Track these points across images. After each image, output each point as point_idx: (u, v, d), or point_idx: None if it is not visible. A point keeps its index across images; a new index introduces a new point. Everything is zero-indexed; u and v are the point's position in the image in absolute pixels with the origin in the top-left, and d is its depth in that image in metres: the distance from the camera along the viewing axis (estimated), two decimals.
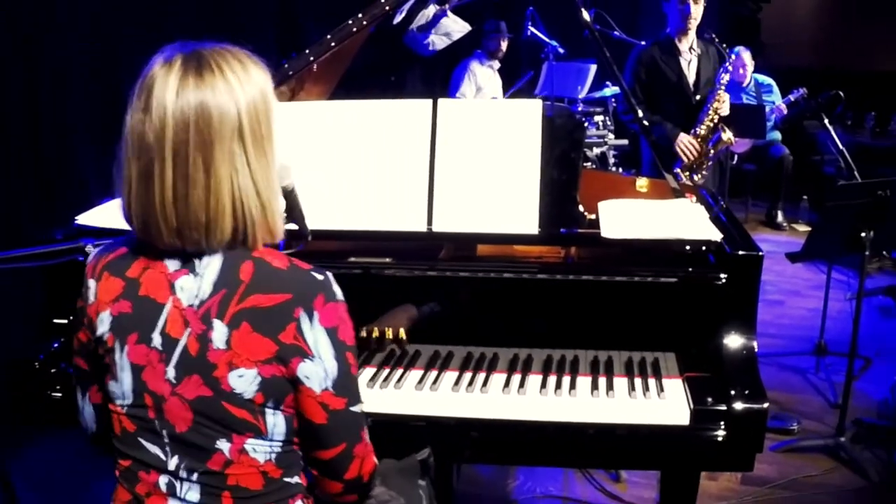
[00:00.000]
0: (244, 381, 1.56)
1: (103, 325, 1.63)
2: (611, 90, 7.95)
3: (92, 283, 1.66)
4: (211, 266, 1.59)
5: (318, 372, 1.60)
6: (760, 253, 2.42)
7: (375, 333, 2.52)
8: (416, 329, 2.53)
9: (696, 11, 5.19)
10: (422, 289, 2.51)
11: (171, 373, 1.58)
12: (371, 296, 2.50)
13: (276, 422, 1.62)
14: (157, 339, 1.59)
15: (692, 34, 5.37)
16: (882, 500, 3.69)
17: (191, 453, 1.62)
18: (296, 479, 1.71)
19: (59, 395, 2.37)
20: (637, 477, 3.79)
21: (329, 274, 1.65)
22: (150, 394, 1.60)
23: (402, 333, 2.51)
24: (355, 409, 1.69)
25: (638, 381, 2.39)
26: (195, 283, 1.59)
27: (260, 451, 1.63)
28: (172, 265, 1.61)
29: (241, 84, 1.57)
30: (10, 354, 2.46)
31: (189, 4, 5.49)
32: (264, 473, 1.65)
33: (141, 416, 1.64)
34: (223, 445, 1.61)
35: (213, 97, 1.53)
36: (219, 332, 1.56)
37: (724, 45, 5.31)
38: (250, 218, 1.58)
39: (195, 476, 1.63)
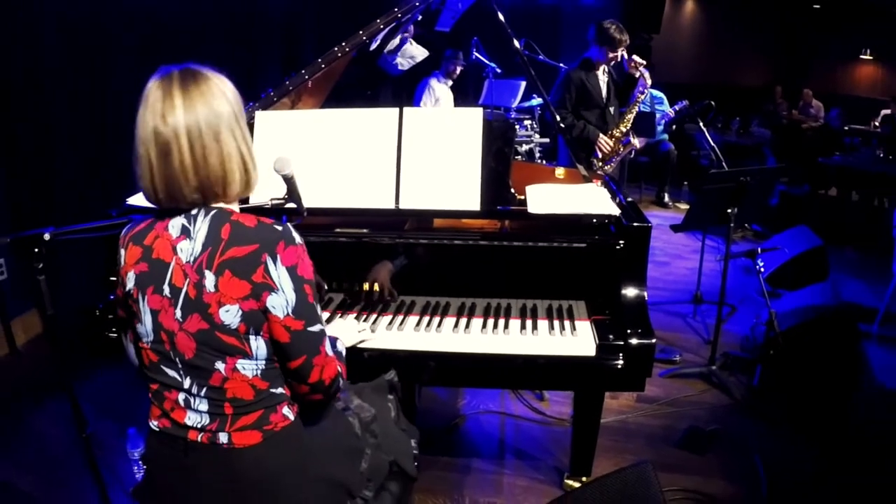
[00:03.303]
0: (230, 315, 1.60)
1: (130, 282, 1.67)
2: (537, 101, 7.95)
3: (122, 251, 1.71)
4: (201, 231, 1.62)
5: (281, 302, 1.62)
6: (650, 225, 2.45)
7: (355, 287, 2.53)
8: (386, 284, 2.55)
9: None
10: (391, 253, 2.51)
11: (178, 314, 1.62)
12: (351, 259, 2.52)
13: (258, 345, 1.65)
14: (166, 289, 1.63)
15: None
16: (743, 413, 3.75)
17: (197, 374, 1.66)
18: (280, 390, 1.73)
19: (115, 335, 2.36)
20: (557, 396, 3.82)
21: (289, 224, 1.68)
22: (165, 331, 1.65)
23: (376, 287, 2.52)
24: (312, 328, 1.69)
25: (556, 323, 2.42)
26: (190, 245, 1.62)
27: (248, 368, 1.66)
28: (174, 233, 1.64)
29: (224, 84, 1.65)
30: (78, 303, 2.47)
31: (216, 32, 5.50)
32: (253, 386, 1.67)
33: (160, 350, 1.68)
34: (220, 366, 1.64)
35: (211, 95, 1.60)
36: (209, 279, 1.59)
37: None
38: (250, 172, 1.67)
39: (203, 391, 1.66)
